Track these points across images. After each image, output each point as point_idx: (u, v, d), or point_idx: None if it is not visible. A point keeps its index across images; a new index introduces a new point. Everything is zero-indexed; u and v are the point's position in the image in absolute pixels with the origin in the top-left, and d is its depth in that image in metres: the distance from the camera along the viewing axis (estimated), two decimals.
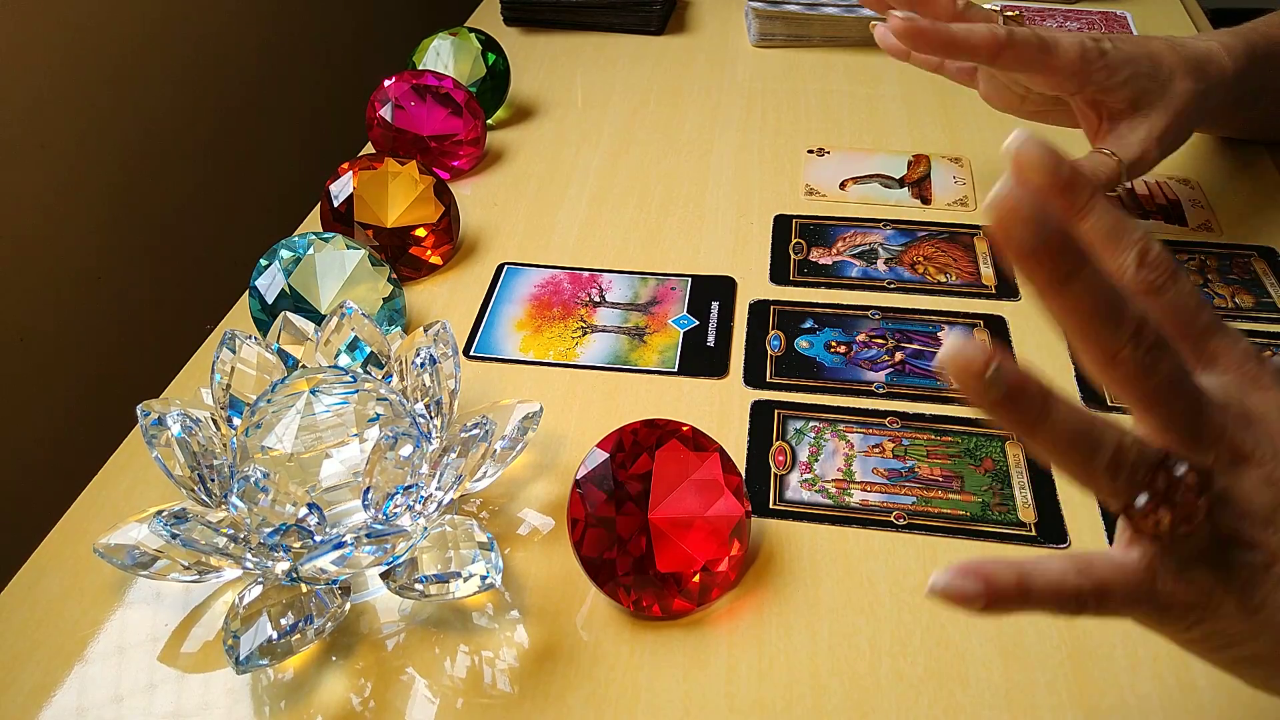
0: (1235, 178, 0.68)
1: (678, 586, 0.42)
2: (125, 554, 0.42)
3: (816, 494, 0.48)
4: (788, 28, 0.88)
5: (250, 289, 0.55)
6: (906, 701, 0.39)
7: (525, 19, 0.94)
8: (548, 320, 0.59)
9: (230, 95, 1.08)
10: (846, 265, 0.62)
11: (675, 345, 0.57)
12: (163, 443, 0.43)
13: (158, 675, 0.42)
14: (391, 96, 0.69)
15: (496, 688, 0.41)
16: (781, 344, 0.56)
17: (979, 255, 0.63)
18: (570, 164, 0.74)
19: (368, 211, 0.60)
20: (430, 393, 0.46)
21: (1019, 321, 0.57)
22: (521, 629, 0.43)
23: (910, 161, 0.72)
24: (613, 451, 0.42)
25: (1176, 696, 0.39)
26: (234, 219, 1.09)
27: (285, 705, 0.40)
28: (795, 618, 0.42)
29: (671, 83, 0.84)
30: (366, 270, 0.55)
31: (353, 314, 0.48)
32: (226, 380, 0.46)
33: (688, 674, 0.41)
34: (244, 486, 0.40)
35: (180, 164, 1.00)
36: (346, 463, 0.42)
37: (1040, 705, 0.39)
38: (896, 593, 0.43)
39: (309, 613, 0.40)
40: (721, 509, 0.42)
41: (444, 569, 0.41)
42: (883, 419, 0.51)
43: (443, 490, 0.42)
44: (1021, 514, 0.46)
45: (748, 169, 0.72)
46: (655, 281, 0.62)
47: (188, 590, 0.45)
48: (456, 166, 0.72)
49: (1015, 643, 0.41)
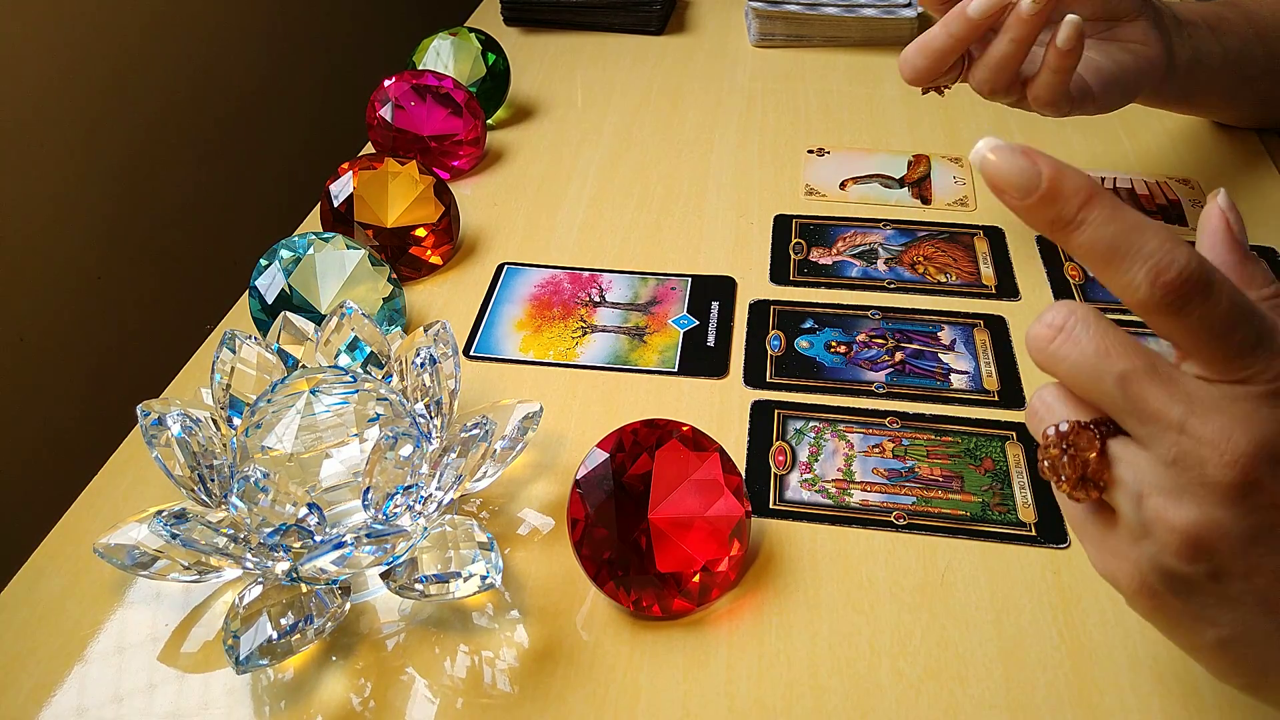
0: (1235, 177, 0.68)
1: (678, 586, 0.42)
2: (125, 554, 0.42)
3: (816, 494, 0.48)
4: (788, 28, 0.88)
5: (250, 289, 0.55)
6: (906, 701, 0.39)
7: (525, 19, 0.94)
8: (548, 320, 0.59)
9: (230, 95, 1.08)
10: (846, 265, 0.62)
11: (675, 345, 0.57)
12: (163, 443, 0.43)
13: (158, 675, 0.42)
14: (391, 96, 0.69)
15: (496, 688, 0.41)
16: (781, 344, 0.56)
17: (979, 255, 0.63)
18: (570, 164, 0.74)
19: (368, 211, 0.60)
20: (430, 393, 0.46)
21: (1019, 321, 0.57)
22: (521, 629, 0.43)
23: (910, 161, 0.72)
24: (613, 451, 0.42)
25: (1176, 696, 0.39)
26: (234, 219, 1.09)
27: (285, 705, 0.40)
28: (795, 618, 0.42)
29: (671, 83, 0.84)
30: (366, 270, 0.55)
31: (353, 314, 0.48)
32: (226, 380, 0.46)
33: (688, 674, 0.41)
34: (244, 486, 0.40)
35: (180, 164, 1.00)
36: (346, 463, 0.42)
37: (1040, 705, 0.39)
38: (896, 593, 0.43)
39: (309, 613, 0.40)
40: (721, 509, 0.42)
41: (444, 569, 0.41)
42: (883, 419, 0.51)
43: (443, 490, 0.42)
44: (1021, 514, 0.46)
45: (748, 169, 0.72)
46: (655, 281, 0.62)
47: (188, 590, 0.45)
48: (456, 166, 0.72)
49: (1015, 643, 0.41)
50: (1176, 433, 0.27)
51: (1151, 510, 0.28)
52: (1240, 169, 0.69)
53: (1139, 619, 0.41)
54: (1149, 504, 0.28)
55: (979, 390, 0.53)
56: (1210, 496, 0.27)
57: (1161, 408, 0.28)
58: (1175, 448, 0.27)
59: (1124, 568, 0.30)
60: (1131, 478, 0.29)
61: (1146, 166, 0.70)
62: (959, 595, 0.43)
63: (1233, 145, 0.71)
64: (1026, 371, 0.54)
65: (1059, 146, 0.72)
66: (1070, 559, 0.44)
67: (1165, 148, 0.72)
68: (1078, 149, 0.72)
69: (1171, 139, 0.72)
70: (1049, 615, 0.42)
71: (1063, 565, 0.44)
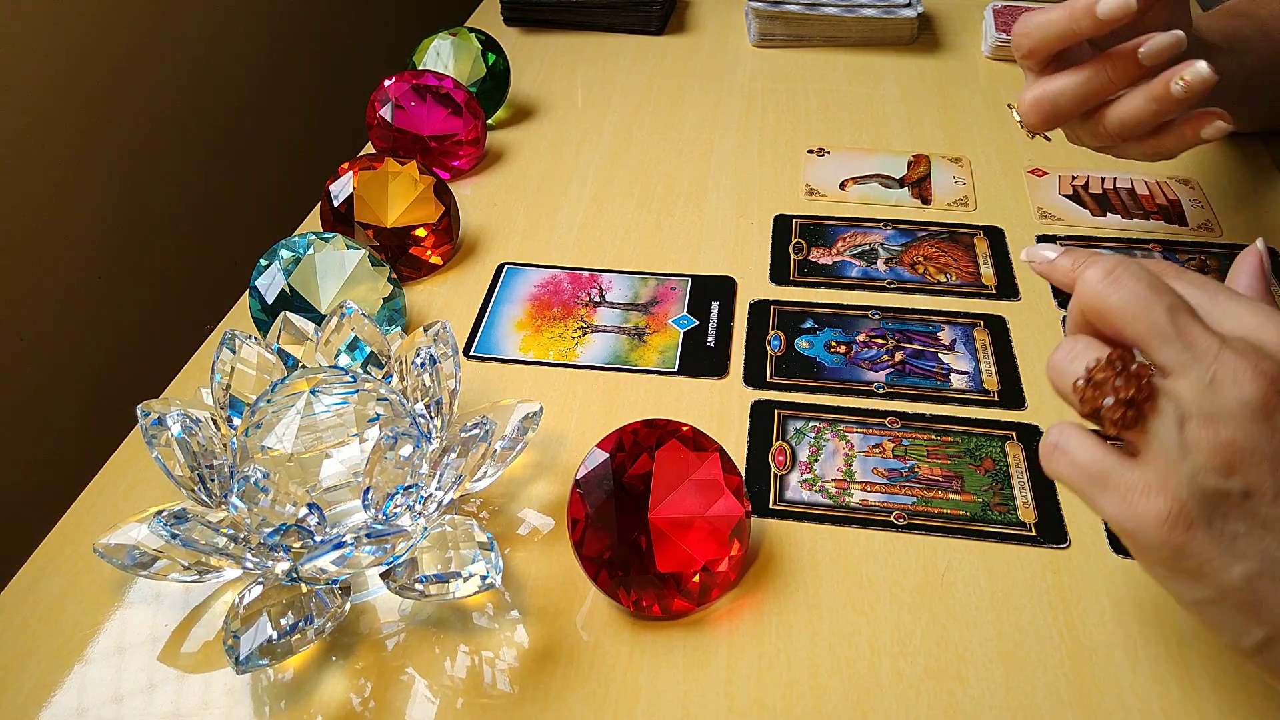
0: (1236, 178, 0.68)
1: (678, 586, 0.42)
2: (125, 554, 0.42)
3: (816, 494, 0.48)
4: (788, 28, 0.88)
5: (250, 289, 0.55)
6: (906, 701, 0.39)
7: (525, 19, 0.94)
8: (548, 320, 0.59)
9: (230, 95, 1.08)
10: (846, 265, 0.62)
11: (675, 345, 0.57)
12: (163, 443, 0.43)
13: (158, 675, 0.42)
14: (391, 96, 0.69)
15: (496, 688, 0.41)
16: (781, 344, 0.56)
17: (979, 255, 0.63)
18: (570, 164, 0.74)
19: (368, 211, 0.60)
20: (430, 393, 0.46)
21: (1019, 321, 0.57)
22: (521, 629, 0.43)
23: (910, 161, 0.72)
24: (613, 451, 0.42)
25: (1176, 696, 0.39)
26: (234, 219, 1.09)
27: (285, 705, 0.40)
28: (795, 618, 0.42)
29: (671, 83, 0.84)
30: (366, 270, 0.55)
31: (353, 314, 0.48)
32: (226, 380, 0.46)
33: (688, 674, 0.41)
34: (244, 486, 0.40)
35: (180, 164, 1.00)
36: (346, 463, 0.42)
37: (1040, 705, 0.39)
38: (896, 593, 0.43)
39: (309, 613, 0.40)
40: (721, 509, 0.42)
41: (444, 569, 0.41)
42: (883, 419, 0.51)
43: (443, 490, 0.42)
44: (1021, 514, 0.46)
45: (748, 169, 0.72)
46: (655, 281, 0.62)
47: (188, 590, 0.45)
48: (456, 166, 0.72)
49: (1015, 643, 0.41)
50: (1213, 357, 0.31)
51: (1192, 431, 0.31)
52: (1241, 169, 0.69)
53: (1139, 619, 0.41)
54: (1190, 425, 0.31)
55: (979, 390, 0.53)
56: (1243, 412, 0.31)
57: (1201, 334, 0.32)
58: (1214, 368, 0.31)
59: (1156, 503, 0.31)
60: (1172, 404, 0.32)
61: (1146, 166, 0.70)
62: (959, 595, 0.43)
63: (1233, 145, 0.71)
64: (1026, 372, 0.54)
65: (1059, 147, 0.72)
66: (1070, 559, 0.44)
67: None
68: (1078, 149, 0.72)
69: None
70: (1049, 615, 0.42)
71: (1063, 565, 0.44)
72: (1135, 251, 0.62)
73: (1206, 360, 0.31)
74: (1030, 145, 0.72)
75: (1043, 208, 0.66)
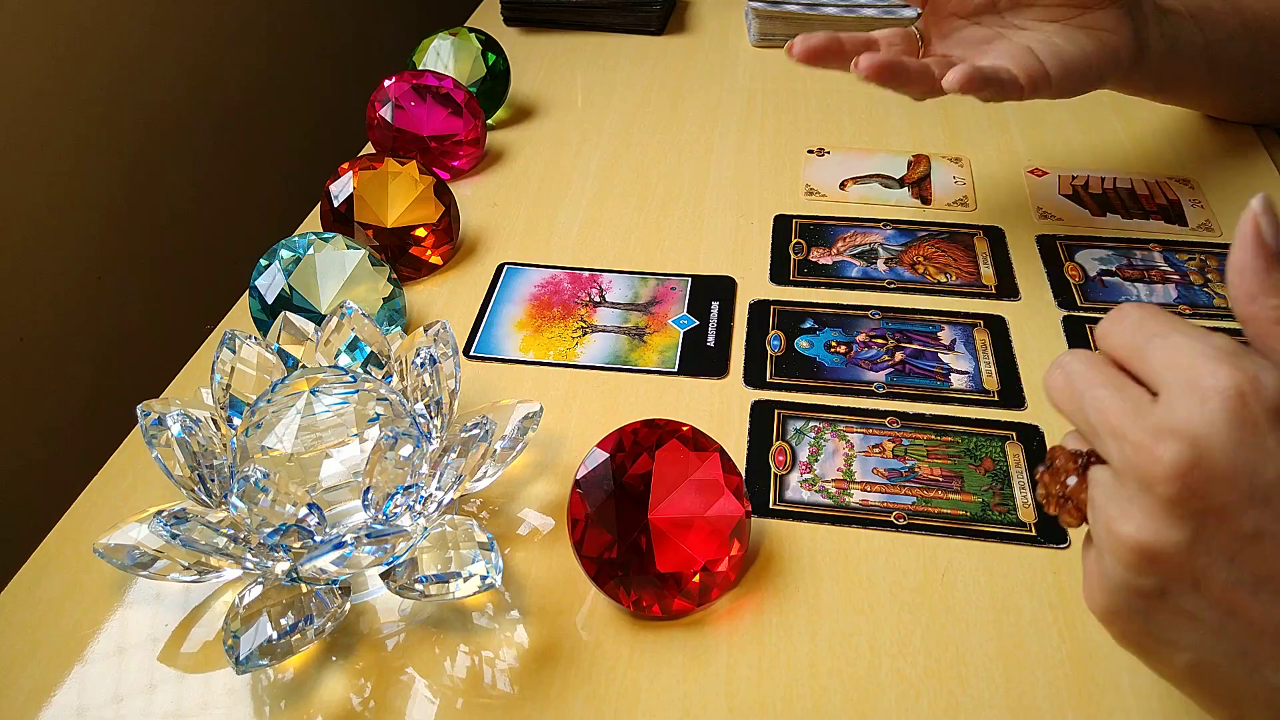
0: (1236, 178, 0.68)
1: (678, 586, 0.42)
2: (125, 554, 0.42)
3: (816, 494, 0.48)
4: (788, 28, 0.88)
5: (250, 289, 0.55)
6: (906, 701, 0.39)
7: (525, 19, 0.94)
8: (548, 320, 0.59)
9: (230, 95, 1.08)
10: (846, 265, 0.62)
11: (675, 345, 0.57)
12: (163, 443, 0.43)
13: (158, 675, 0.42)
14: (391, 96, 0.69)
15: (496, 688, 0.41)
16: (781, 344, 0.56)
17: (979, 255, 0.63)
18: (570, 164, 0.74)
19: (368, 211, 0.60)
20: (430, 393, 0.46)
21: (1019, 321, 0.57)
22: (521, 629, 0.43)
23: (910, 161, 0.72)
24: (613, 451, 0.42)
25: (1177, 696, 0.39)
26: (234, 219, 1.09)
27: (285, 705, 0.40)
28: (795, 618, 0.42)
29: (671, 83, 0.84)
30: (366, 270, 0.55)
31: (353, 314, 0.48)
32: (226, 380, 0.46)
33: (688, 674, 0.41)
34: (244, 486, 0.40)
35: (180, 164, 1.00)
36: (346, 463, 0.42)
37: (1040, 705, 0.39)
38: (896, 593, 0.43)
39: (309, 613, 0.40)
40: (721, 509, 0.42)
41: (444, 569, 0.41)
42: (883, 419, 0.51)
43: (443, 490, 0.42)
44: (1021, 514, 0.46)
45: (748, 169, 0.72)
46: (655, 281, 0.62)
47: (188, 590, 0.45)
48: (456, 166, 0.72)
49: (1015, 643, 0.41)
50: (1120, 440, 0.29)
51: (1103, 523, 0.30)
52: (1240, 169, 0.69)
53: None
54: (1098, 523, 0.30)
55: (979, 390, 0.53)
56: (1147, 511, 0.28)
57: (1112, 417, 0.29)
58: (1120, 456, 0.29)
59: (1094, 594, 0.31)
60: (1098, 496, 0.30)
61: (1146, 166, 0.70)
62: (959, 595, 0.43)
63: (1233, 145, 0.71)
64: (1026, 372, 0.54)
65: (1059, 147, 0.72)
66: (1070, 559, 0.44)
67: (1165, 147, 0.72)
68: (1078, 149, 0.72)
69: (1171, 139, 0.72)
70: (1049, 615, 0.42)
71: (1063, 565, 0.44)
72: (1135, 251, 0.62)
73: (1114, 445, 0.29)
74: (1030, 145, 0.72)
75: (1042, 208, 0.66)
